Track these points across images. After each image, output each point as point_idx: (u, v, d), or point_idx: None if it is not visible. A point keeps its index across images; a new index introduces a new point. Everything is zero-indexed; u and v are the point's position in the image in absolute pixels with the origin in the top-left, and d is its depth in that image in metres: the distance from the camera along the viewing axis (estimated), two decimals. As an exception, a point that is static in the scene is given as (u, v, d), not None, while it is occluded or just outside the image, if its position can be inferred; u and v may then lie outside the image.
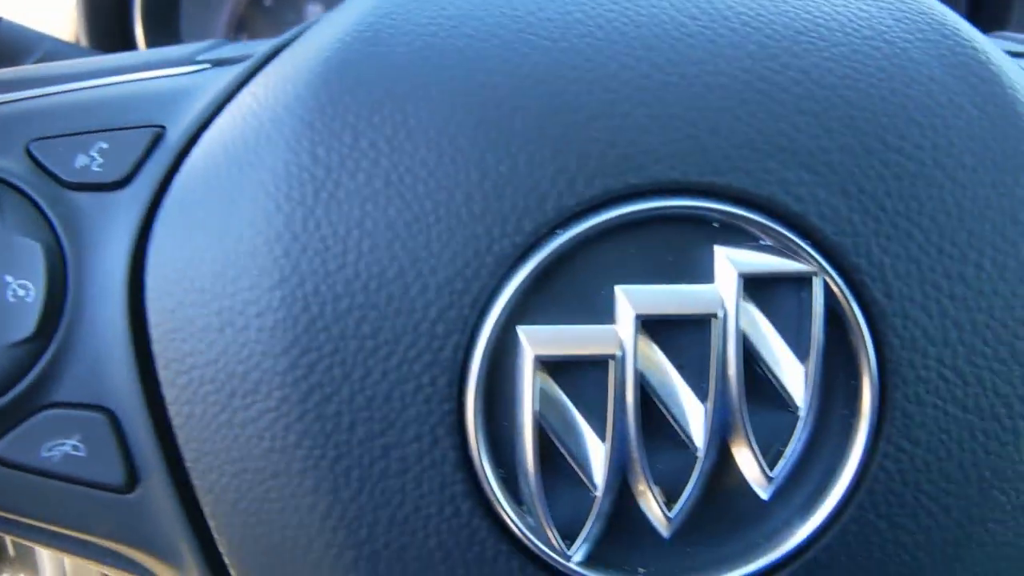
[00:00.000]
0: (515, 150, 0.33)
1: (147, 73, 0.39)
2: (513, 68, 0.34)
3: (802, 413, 0.34)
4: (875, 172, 0.34)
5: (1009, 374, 0.34)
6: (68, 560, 0.77)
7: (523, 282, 0.33)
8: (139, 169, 0.36)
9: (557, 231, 0.33)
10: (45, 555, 0.78)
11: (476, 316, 0.33)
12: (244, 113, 0.35)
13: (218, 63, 0.40)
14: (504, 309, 0.33)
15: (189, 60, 0.40)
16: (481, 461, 0.33)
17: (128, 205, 0.36)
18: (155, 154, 0.36)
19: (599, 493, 0.34)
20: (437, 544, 0.34)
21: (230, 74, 0.38)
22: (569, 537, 0.34)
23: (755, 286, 0.34)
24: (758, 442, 0.34)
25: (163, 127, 0.37)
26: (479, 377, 0.33)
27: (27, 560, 0.82)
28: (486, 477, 0.33)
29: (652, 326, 0.34)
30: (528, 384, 0.33)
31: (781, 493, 0.35)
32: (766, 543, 0.35)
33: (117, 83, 0.39)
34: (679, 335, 0.34)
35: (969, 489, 0.35)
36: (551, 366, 0.34)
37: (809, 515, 0.34)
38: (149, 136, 0.36)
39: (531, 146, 0.33)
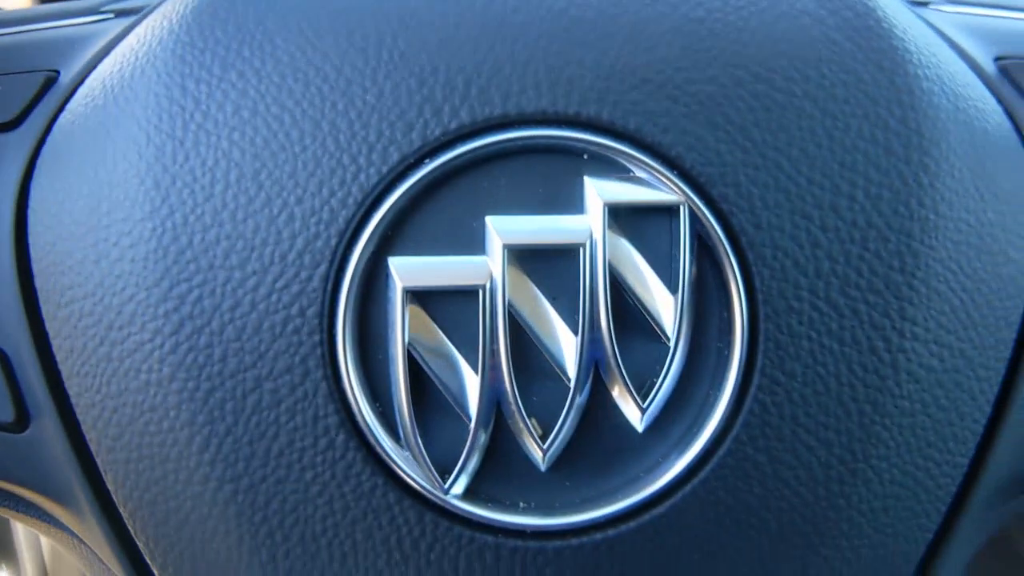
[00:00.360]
0: (382, 80, 0.33)
1: (50, 23, 0.40)
2: (381, 2, 0.34)
3: (672, 344, 0.34)
4: (744, 103, 0.34)
5: (886, 307, 0.34)
6: (47, 553, 0.78)
7: (390, 212, 0.33)
8: (30, 111, 0.37)
9: (425, 161, 0.33)
10: (24, 549, 0.79)
11: (344, 247, 0.33)
12: (125, 52, 0.36)
13: (121, 13, 0.41)
14: (371, 240, 0.33)
15: (93, 11, 0.41)
16: (354, 392, 0.34)
17: (17, 145, 0.36)
18: (47, 97, 0.37)
19: (472, 425, 0.34)
20: (313, 477, 0.34)
21: (127, 22, 0.39)
22: (450, 472, 0.34)
23: (626, 218, 0.34)
24: (633, 375, 0.34)
25: (57, 71, 0.38)
26: (348, 308, 0.33)
27: (8, 555, 0.83)
28: (359, 409, 0.34)
29: (525, 258, 0.34)
30: (398, 315, 0.33)
31: (658, 426, 0.34)
32: (645, 476, 0.34)
33: (19, 32, 0.40)
34: (551, 267, 0.34)
35: (850, 424, 0.34)
36: (424, 298, 0.34)
37: (687, 448, 0.34)
38: (41, 79, 0.37)
39: (398, 76, 0.33)
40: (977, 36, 0.40)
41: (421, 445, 0.34)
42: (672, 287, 0.34)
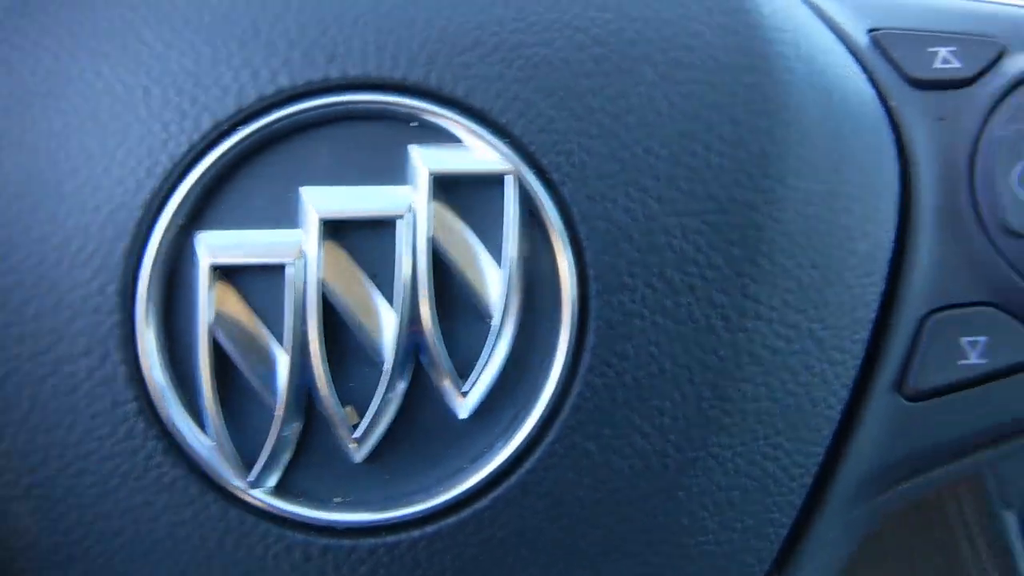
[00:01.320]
0: (199, 44, 0.32)
1: None
2: None
3: (495, 323, 0.32)
4: (579, 68, 0.32)
5: (724, 283, 0.32)
6: None
7: (200, 183, 0.31)
8: None
9: (238, 128, 0.32)
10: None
11: (149, 220, 0.31)
12: None
13: None
14: (179, 212, 0.31)
15: None
16: (153, 377, 0.31)
17: None
18: None
19: (279, 411, 0.31)
20: (112, 468, 0.32)
21: None
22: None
23: (456, 190, 0.32)
24: (457, 358, 0.32)
25: None
26: (150, 286, 0.31)
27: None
28: (160, 395, 0.31)
29: (346, 233, 0.32)
30: (203, 294, 0.31)
31: (484, 413, 0.32)
32: (468, 468, 0.32)
33: None
34: (373, 242, 0.32)
35: (687, 409, 0.32)
36: (236, 276, 0.32)
37: (511, 436, 0.32)
38: None
39: (218, 39, 0.32)
40: (852, 8, 0.39)
41: (226, 434, 0.31)
42: (501, 263, 0.32)
